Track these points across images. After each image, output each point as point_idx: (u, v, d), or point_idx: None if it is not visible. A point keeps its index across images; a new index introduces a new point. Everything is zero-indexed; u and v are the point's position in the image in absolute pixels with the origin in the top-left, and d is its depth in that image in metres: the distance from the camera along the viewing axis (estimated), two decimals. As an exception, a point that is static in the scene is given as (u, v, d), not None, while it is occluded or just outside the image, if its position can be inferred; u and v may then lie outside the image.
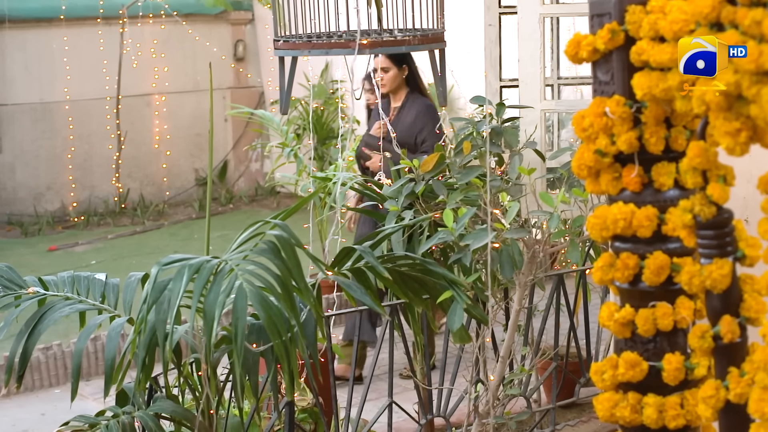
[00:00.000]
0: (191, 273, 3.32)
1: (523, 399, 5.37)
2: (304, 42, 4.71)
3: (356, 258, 3.92)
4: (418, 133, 7.45)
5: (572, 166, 2.74)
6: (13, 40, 13.71)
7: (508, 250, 4.42)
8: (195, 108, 14.86)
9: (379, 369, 5.11)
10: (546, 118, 5.41)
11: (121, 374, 3.60)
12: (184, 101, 14.59)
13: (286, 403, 4.37)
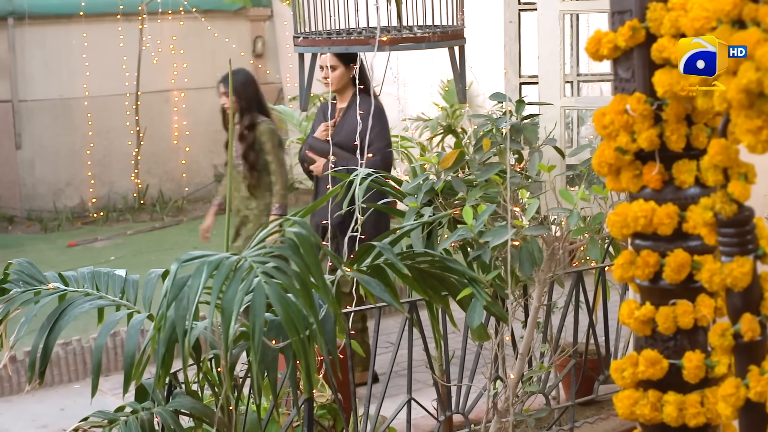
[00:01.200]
0: (210, 270, 3.32)
1: (541, 396, 5.37)
2: (323, 39, 4.71)
3: (376, 255, 3.92)
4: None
5: (593, 164, 2.73)
6: (32, 37, 13.75)
7: (528, 247, 4.41)
8: (214, 104, 14.75)
9: (398, 366, 5.10)
10: (566, 115, 5.39)
11: (141, 370, 3.60)
12: (203, 97, 14.61)
13: (305, 400, 4.37)
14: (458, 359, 5.28)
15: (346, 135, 7.24)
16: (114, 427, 3.72)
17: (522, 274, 4.54)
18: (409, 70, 10.25)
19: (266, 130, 8.22)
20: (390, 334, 7.33)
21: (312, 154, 7.47)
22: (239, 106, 8.19)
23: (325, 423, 5.05)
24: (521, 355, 4.80)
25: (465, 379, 5.27)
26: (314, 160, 7.46)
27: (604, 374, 5.72)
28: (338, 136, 7.32)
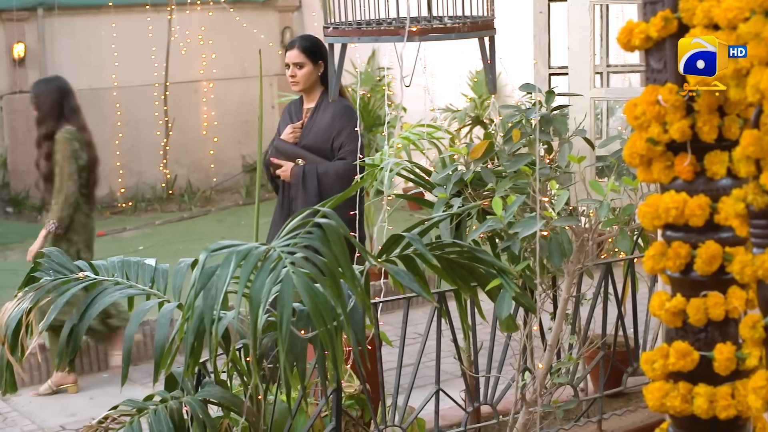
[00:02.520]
0: (239, 259, 3.33)
1: (569, 388, 5.36)
2: (353, 29, 4.70)
3: (404, 245, 3.91)
4: (335, 137, 6.94)
5: (624, 155, 2.72)
6: (62, 27, 13.81)
7: (558, 238, 4.40)
8: (242, 95, 14.90)
9: (425, 356, 5.10)
10: (595, 106, 5.37)
11: (170, 359, 3.61)
12: (231, 88, 14.65)
13: (333, 390, 4.38)
14: (486, 350, 5.28)
15: (315, 137, 6.98)
16: (143, 415, 3.73)
17: (552, 265, 4.53)
18: (437, 61, 10.24)
19: (61, 139, 7.82)
20: (417, 325, 7.33)
21: (276, 159, 7.05)
22: (37, 114, 7.97)
23: (353, 413, 5.05)
24: (550, 347, 4.79)
25: (493, 371, 5.27)
26: (280, 165, 7.02)
27: (633, 366, 5.71)
28: (306, 139, 7.02)
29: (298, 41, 7.10)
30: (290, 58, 7.01)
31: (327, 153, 6.92)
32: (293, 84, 7.05)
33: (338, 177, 6.83)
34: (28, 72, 13.69)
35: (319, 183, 6.85)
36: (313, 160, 6.91)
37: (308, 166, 6.90)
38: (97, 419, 3.84)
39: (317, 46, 6.99)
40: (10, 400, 7.59)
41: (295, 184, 6.92)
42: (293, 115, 7.19)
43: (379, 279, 7.01)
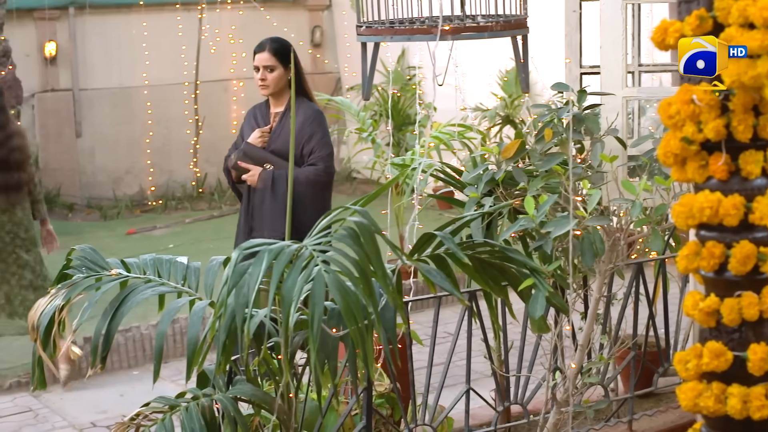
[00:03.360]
0: (271, 258, 3.33)
1: (599, 388, 5.34)
2: (386, 28, 4.70)
3: (436, 245, 3.91)
4: (305, 143, 6.77)
5: (658, 154, 2.71)
6: (93, 26, 13.87)
7: (590, 237, 4.39)
8: (272, 94, 14.89)
9: (455, 356, 5.10)
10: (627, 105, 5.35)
11: (202, 357, 3.62)
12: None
13: (364, 389, 4.38)
14: (516, 350, 5.27)
15: (284, 142, 6.79)
16: (175, 412, 3.74)
17: (584, 264, 4.51)
18: (467, 60, 10.23)
19: None
20: (446, 324, 7.32)
21: (244, 163, 6.84)
22: None
23: (383, 412, 5.06)
24: (581, 347, 4.78)
25: (523, 370, 5.26)
26: (247, 169, 6.82)
27: (664, 366, 5.69)
28: (275, 143, 6.87)
29: (268, 44, 6.92)
30: (260, 60, 6.85)
31: (296, 159, 6.70)
32: (263, 88, 6.86)
33: (309, 183, 6.70)
34: (60, 71, 13.77)
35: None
36: (281, 166, 6.78)
37: (278, 171, 6.77)
38: (128, 416, 3.85)
39: (287, 49, 6.82)
40: (42, 397, 7.63)
41: (261, 190, 6.78)
42: (259, 119, 7.03)
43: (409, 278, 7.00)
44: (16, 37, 12.99)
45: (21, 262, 7.88)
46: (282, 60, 6.81)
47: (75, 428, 7.11)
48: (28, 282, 7.90)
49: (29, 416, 7.36)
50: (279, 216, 6.64)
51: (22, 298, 7.86)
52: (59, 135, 13.80)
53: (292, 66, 6.11)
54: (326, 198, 6.92)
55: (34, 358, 3.92)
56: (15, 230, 7.85)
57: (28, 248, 7.92)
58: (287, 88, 6.89)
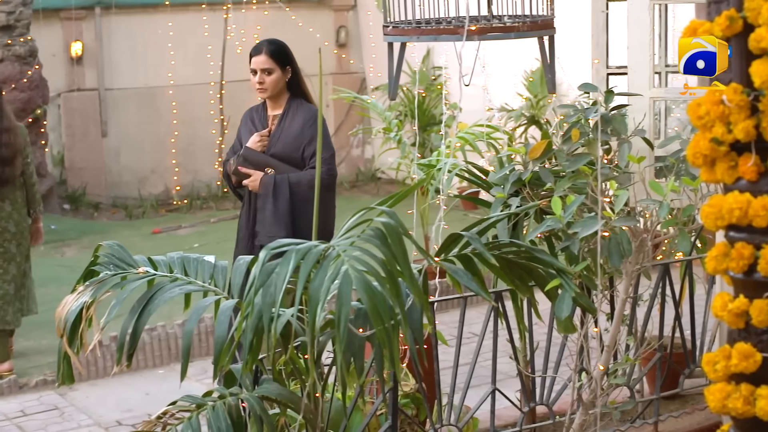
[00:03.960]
0: (298, 257, 3.34)
1: (624, 389, 5.33)
2: (413, 28, 4.71)
3: (462, 245, 3.91)
4: (306, 145, 6.60)
5: (687, 155, 2.71)
6: (119, 26, 13.93)
7: (617, 238, 4.38)
8: (297, 94, 14.91)
9: (480, 356, 5.09)
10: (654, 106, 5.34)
11: (229, 356, 3.63)
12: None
13: (390, 389, 4.38)
14: (541, 351, 5.27)
15: (284, 145, 6.63)
16: (202, 411, 3.75)
17: (611, 265, 4.51)
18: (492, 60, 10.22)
19: None
20: (471, 325, 7.30)
21: (244, 168, 6.65)
22: None
23: (408, 411, 5.06)
24: (607, 347, 4.77)
25: (549, 371, 5.26)
26: (248, 174, 6.64)
27: (690, 368, 5.68)
28: (275, 147, 6.67)
29: (265, 46, 6.75)
30: (257, 63, 6.67)
31: (297, 161, 6.61)
32: (260, 91, 6.68)
33: (311, 187, 6.47)
34: (86, 70, 13.83)
35: (291, 193, 6.54)
36: (282, 169, 6.62)
37: (279, 176, 6.59)
38: (155, 414, 3.86)
39: (285, 51, 6.74)
40: (67, 395, 7.66)
41: (263, 195, 6.61)
42: (257, 123, 6.84)
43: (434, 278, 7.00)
44: (42, 37, 13.06)
45: (8, 256, 8.02)
46: (279, 62, 6.66)
47: (100, 426, 7.14)
48: (11, 277, 8.02)
49: (55, 414, 7.39)
50: (281, 220, 6.51)
51: (3, 292, 7.97)
52: (85, 134, 13.86)
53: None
54: (329, 200, 6.69)
55: (60, 353, 3.93)
56: (4, 224, 8.01)
57: (19, 242, 8.08)
58: (285, 90, 6.74)
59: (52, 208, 12.92)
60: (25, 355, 8.28)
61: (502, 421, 5.64)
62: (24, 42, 12.59)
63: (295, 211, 6.51)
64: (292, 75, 6.73)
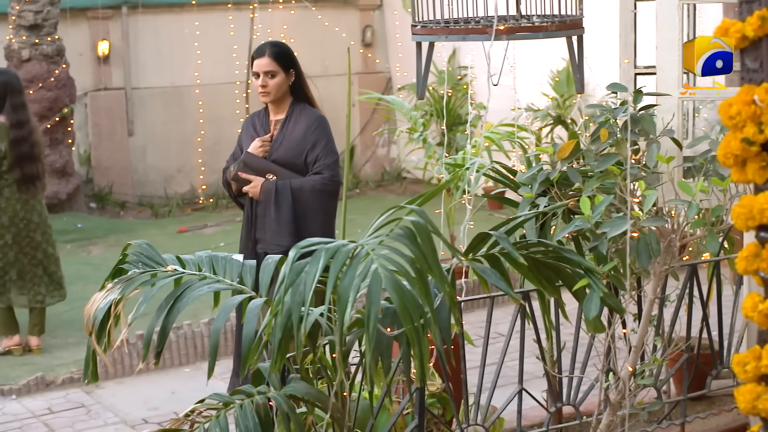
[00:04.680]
0: (328, 256, 3.34)
1: (650, 389, 5.32)
2: (441, 27, 4.71)
3: (490, 244, 3.91)
4: (309, 150, 6.48)
5: (718, 155, 2.70)
6: (145, 25, 13.97)
7: (646, 238, 4.37)
8: (323, 93, 14.89)
9: (507, 356, 5.09)
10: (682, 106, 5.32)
11: (257, 355, 3.64)
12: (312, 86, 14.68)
13: (416, 388, 4.38)
14: (568, 351, 5.26)
15: (287, 150, 6.51)
16: (229, 409, 3.76)
17: (639, 265, 4.50)
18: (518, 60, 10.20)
19: None
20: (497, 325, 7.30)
21: (245, 174, 6.51)
22: None
23: (434, 411, 5.06)
24: (635, 348, 4.76)
25: (576, 371, 5.25)
26: (249, 180, 6.50)
27: (717, 369, 5.66)
28: (277, 152, 6.55)
29: (268, 48, 6.62)
30: (260, 66, 6.53)
31: (300, 167, 6.49)
32: (263, 95, 6.55)
33: (314, 193, 6.42)
34: (113, 69, 13.88)
35: (293, 199, 6.41)
36: (285, 175, 6.48)
37: (280, 182, 6.45)
38: (183, 412, 3.87)
39: (288, 54, 6.62)
40: (94, 393, 7.70)
41: (264, 201, 6.48)
42: (258, 128, 6.70)
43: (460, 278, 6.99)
44: (69, 36, 13.12)
45: (34, 244, 8.45)
46: (283, 65, 6.53)
47: (126, 424, 7.17)
48: (38, 261, 8.46)
49: (81, 412, 7.42)
50: (283, 228, 6.38)
51: (32, 275, 8.42)
52: (111, 133, 13.91)
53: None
54: (332, 207, 6.57)
55: (87, 351, 3.94)
56: (29, 216, 8.44)
57: (44, 230, 8.52)
58: (288, 94, 6.61)
59: (79, 207, 12.98)
60: (52, 353, 8.32)
61: (528, 421, 5.64)
62: (51, 41, 12.65)
63: (299, 219, 6.39)
64: (296, 78, 6.59)
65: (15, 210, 8.35)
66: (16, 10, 12.49)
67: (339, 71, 14.90)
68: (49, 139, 12.44)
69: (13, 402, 7.60)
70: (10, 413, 7.41)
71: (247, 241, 6.60)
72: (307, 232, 6.16)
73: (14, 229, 8.36)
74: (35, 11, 12.48)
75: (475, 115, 11.82)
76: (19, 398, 7.66)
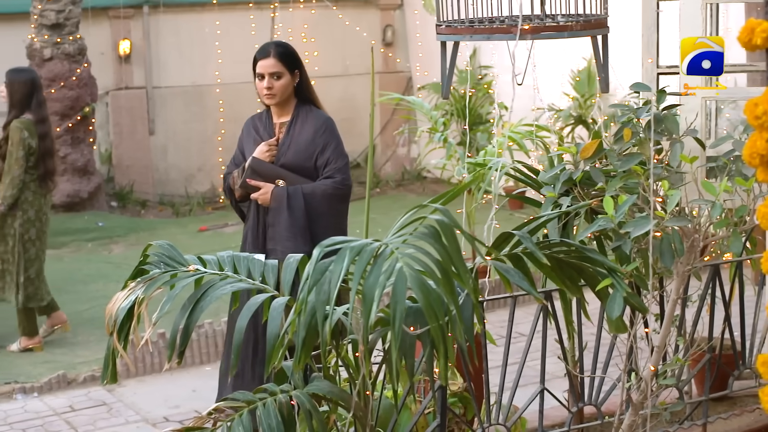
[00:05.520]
0: (353, 255, 3.34)
1: (671, 389, 5.30)
2: (466, 27, 4.70)
3: (513, 244, 3.91)
4: (319, 154, 6.22)
5: (744, 155, 2.69)
6: (166, 25, 14.02)
7: (669, 238, 4.36)
8: (343, 92, 14.98)
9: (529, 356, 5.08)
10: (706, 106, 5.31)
11: (281, 353, 3.64)
12: (332, 85, 14.73)
13: (438, 387, 4.39)
14: (589, 351, 5.25)
15: (296, 154, 6.22)
16: (252, 408, 3.76)
17: (662, 265, 4.48)
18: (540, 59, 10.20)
19: (13, 128, 8.46)
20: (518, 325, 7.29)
21: (253, 181, 6.19)
22: (10, 100, 8.53)
23: (455, 411, 5.06)
24: (657, 348, 4.75)
25: (597, 371, 5.24)
26: (258, 187, 6.19)
27: (739, 369, 5.64)
28: (285, 157, 6.25)
29: (273, 49, 6.32)
30: (265, 67, 6.22)
31: (309, 171, 6.22)
32: (269, 97, 6.24)
33: (326, 197, 6.18)
34: (134, 69, 13.94)
35: (306, 204, 6.13)
36: (294, 181, 6.20)
37: (291, 188, 6.16)
38: (206, 411, 3.87)
39: (293, 54, 6.35)
40: (115, 391, 7.72)
41: (275, 208, 6.17)
42: (261, 131, 6.41)
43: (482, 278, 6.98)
44: (91, 36, 13.17)
45: (45, 239, 8.71)
46: (288, 66, 6.25)
47: (148, 422, 7.19)
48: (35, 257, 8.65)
49: (103, 410, 7.46)
50: (297, 234, 6.10)
51: (37, 272, 8.60)
52: (132, 132, 13.95)
53: None
54: (344, 211, 6.35)
55: (108, 351, 3.95)
56: (47, 211, 8.72)
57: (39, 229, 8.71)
58: (293, 95, 6.32)
59: (100, 206, 13.03)
60: (73, 351, 8.36)
61: (549, 421, 5.63)
62: (73, 40, 12.70)
63: (312, 225, 6.16)
64: (301, 79, 6.33)
65: (40, 204, 8.52)
66: (38, 10, 12.55)
67: (359, 71, 14.93)
68: (70, 138, 12.50)
69: (35, 400, 7.63)
70: (32, 411, 7.45)
71: (254, 250, 6.17)
72: (321, 237, 5.96)
73: (38, 224, 8.51)
74: (57, 10, 12.53)
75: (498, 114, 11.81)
76: (40, 396, 7.70)
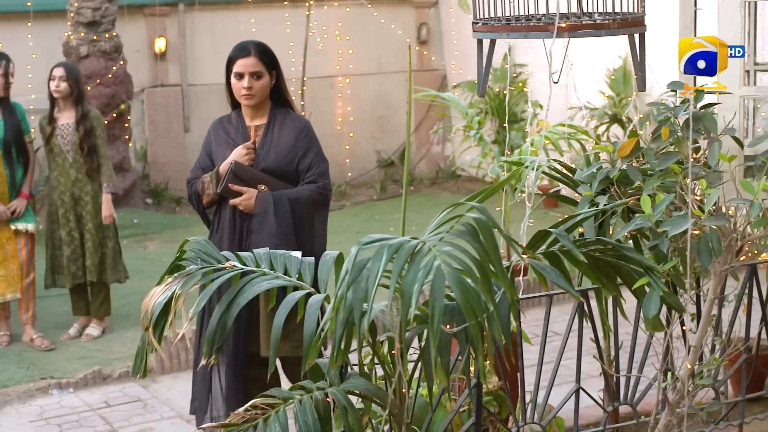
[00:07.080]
0: (391, 253, 3.34)
1: (706, 390, 5.28)
2: (502, 25, 4.70)
3: (550, 242, 3.91)
4: (301, 158, 6.01)
5: (784, 154, 2.68)
6: (202, 22, 14.06)
7: (707, 237, 4.34)
8: (378, 90, 14.99)
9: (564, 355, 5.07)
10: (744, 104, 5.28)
11: (318, 350, 3.65)
12: (367, 83, 14.75)
13: (474, 385, 4.38)
14: (625, 350, 5.24)
15: (277, 158, 6.02)
16: (288, 405, 3.77)
17: (700, 264, 4.46)
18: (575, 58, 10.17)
19: (97, 115, 8.75)
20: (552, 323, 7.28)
21: (236, 186, 5.94)
22: (75, 95, 8.66)
23: (490, 409, 5.05)
24: (694, 348, 4.73)
25: (633, 370, 5.22)
26: (240, 192, 5.94)
27: (776, 370, 5.62)
28: (266, 161, 6.03)
29: (252, 48, 6.11)
30: (246, 66, 6.03)
31: (290, 176, 6.03)
32: (248, 98, 6.03)
33: (310, 203, 6.01)
34: (169, 66, 13.98)
35: (291, 210, 5.95)
36: (276, 185, 6.00)
37: (276, 193, 5.96)
38: (242, 407, 3.88)
39: (271, 54, 6.14)
40: (150, 387, 7.76)
41: (260, 214, 5.94)
42: (234, 134, 6.19)
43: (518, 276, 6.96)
44: (126, 33, 13.22)
45: None
46: (268, 66, 6.06)
47: (182, 419, 7.21)
48: None
49: (138, 406, 7.48)
50: (285, 241, 5.81)
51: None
52: (168, 130, 14.00)
53: None
54: (326, 216, 6.21)
55: (141, 345, 3.96)
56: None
57: None
58: (268, 97, 6.12)
59: (135, 203, 13.08)
60: (109, 347, 8.39)
61: (583, 420, 5.63)
62: (109, 38, 12.76)
63: (296, 231, 5.99)
64: (277, 81, 6.13)
65: None
66: (74, 7, 12.61)
67: (394, 68, 14.93)
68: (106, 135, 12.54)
69: (70, 395, 7.68)
70: (67, 406, 7.49)
71: None
72: (306, 244, 5.85)
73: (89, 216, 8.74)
74: (93, 8, 12.59)
75: (533, 113, 11.80)
76: (76, 392, 7.74)
